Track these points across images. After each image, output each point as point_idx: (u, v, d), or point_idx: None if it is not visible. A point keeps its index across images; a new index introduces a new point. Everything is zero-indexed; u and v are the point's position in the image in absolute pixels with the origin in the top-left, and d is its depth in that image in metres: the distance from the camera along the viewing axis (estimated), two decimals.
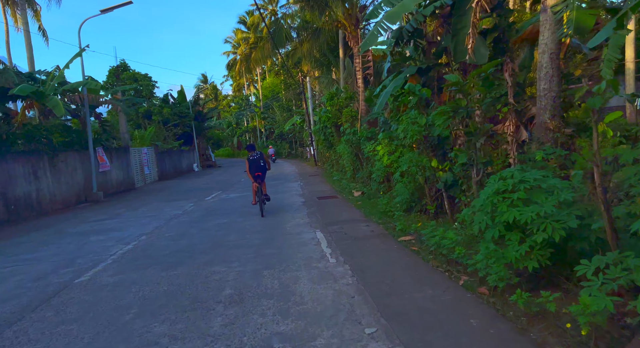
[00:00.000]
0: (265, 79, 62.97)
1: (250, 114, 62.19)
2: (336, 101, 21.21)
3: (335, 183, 17.86)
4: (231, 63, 65.38)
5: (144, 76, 37.70)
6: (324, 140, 23.22)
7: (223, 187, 21.14)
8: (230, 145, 69.11)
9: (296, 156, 48.71)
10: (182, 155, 36.37)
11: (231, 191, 18.73)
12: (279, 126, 49.91)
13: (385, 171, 11.21)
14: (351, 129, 15.28)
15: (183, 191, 20.90)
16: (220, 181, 25.36)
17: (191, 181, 26.88)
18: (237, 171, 34.35)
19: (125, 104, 23.11)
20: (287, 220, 10.36)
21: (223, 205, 14.14)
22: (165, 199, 17.46)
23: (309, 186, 18.30)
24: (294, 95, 49.91)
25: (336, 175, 19.94)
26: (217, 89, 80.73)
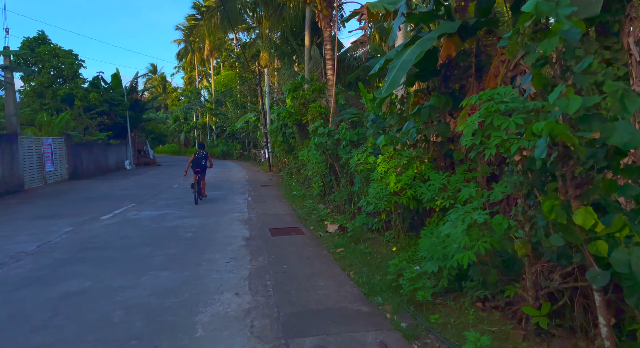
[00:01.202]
0: (220, 72, 56.84)
1: (201, 109, 55.71)
2: (300, 93, 16.24)
3: (297, 202, 12.83)
4: (182, 53, 58.62)
5: (67, 52, 30.75)
6: (283, 142, 18.14)
7: (144, 196, 15.47)
8: (176, 141, 62.05)
9: (249, 158, 43.11)
10: (109, 150, 29.87)
11: (150, 205, 13.18)
12: (231, 123, 44.15)
13: (391, 200, 6.35)
14: (325, 128, 10.36)
15: (84, 199, 15.01)
16: (147, 186, 19.54)
17: (110, 184, 20.81)
18: (177, 172, 28.42)
19: (11, 74, 16.78)
20: (209, 295, 5.22)
21: (119, 234, 8.69)
22: (41, 214, 11.64)
23: (259, 203, 13.13)
24: (250, 91, 44.37)
25: (297, 189, 14.90)
26: (167, 80, 73.34)
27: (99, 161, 27.32)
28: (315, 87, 15.92)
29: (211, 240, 8.03)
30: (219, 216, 10.68)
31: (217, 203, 13.22)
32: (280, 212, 11.32)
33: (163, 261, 6.53)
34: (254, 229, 9.00)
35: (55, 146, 21.22)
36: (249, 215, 10.79)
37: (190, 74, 66.03)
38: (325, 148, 10.19)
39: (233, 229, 9.04)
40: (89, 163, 25.24)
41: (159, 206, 12.96)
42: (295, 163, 17.43)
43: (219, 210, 11.78)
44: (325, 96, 16.51)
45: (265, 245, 7.50)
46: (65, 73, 30.57)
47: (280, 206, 12.32)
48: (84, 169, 24.29)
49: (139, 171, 30.45)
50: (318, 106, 15.15)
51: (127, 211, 11.99)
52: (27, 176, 18.25)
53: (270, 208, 12.04)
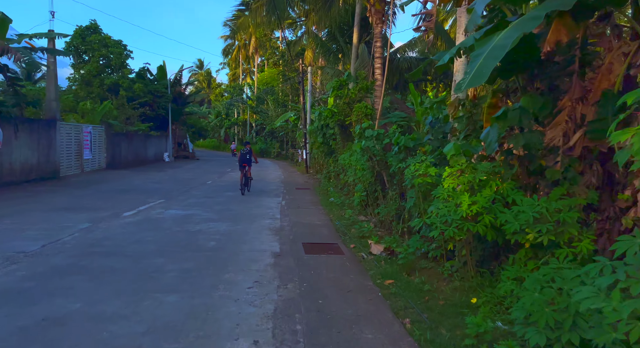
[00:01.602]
0: (264, 70, 56.48)
1: (242, 106, 55.51)
2: (345, 91, 14.90)
3: (334, 211, 11.50)
4: (228, 49, 58.79)
5: (116, 42, 30.89)
6: (322, 143, 16.87)
7: (174, 191, 14.63)
8: (216, 137, 62.30)
9: (286, 158, 42.26)
10: (148, 141, 29.70)
11: (178, 202, 12.24)
12: (271, 121, 43.47)
13: (463, 227, 4.88)
14: (373, 130, 8.97)
15: (113, 191, 14.33)
16: (180, 181, 18.82)
17: (145, 176, 20.28)
18: (213, 168, 27.85)
19: (53, 58, 16.39)
20: (220, 340, 3.98)
21: (135, 236, 7.67)
22: (64, 205, 10.90)
23: (293, 209, 11.90)
24: (292, 89, 43.53)
25: (335, 196, 13.56)
26: (212, 76, 74.05)
27: (138, 151, 27.10)
28: (362, 86, 14.54)
29: (235, 253, 6.82)
30: (248, 222, 9.51)
31: (249, 205, 12.10)
32: (316, 222, 10.02)
33: (174, 279, 5.37)
34: (285, 242, 7.73)
35: (95, 134, 20.95)
36: (281, 223, 9.55)
37: (234, 71, 66.23)
38: (373, 154, 8.80)
39: (262, 240, 7.82)
40: (127, 153, 24.99)
41: (187, 204, 11.98)
42: (335, 166, 16.12)
43: (249, 214, 10.62)
44: (371, 96, 15.10)
45: (298, 266, 6.20)
46: (113, 63, 30.70)
47: (316, 215, 11.02)
48: (122, 159, 24.02)
49: (177, 165, 30.12)
50: (364, 107, 13.77)
51: (153, 208, 11.06)
52: (64, 163, 17.92)
53: (305, 216, 10.77)
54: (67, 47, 30.42)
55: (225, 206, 11.83)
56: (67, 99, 23.63)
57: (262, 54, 56.11)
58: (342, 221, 9.92)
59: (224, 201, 12.79)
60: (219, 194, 14.44)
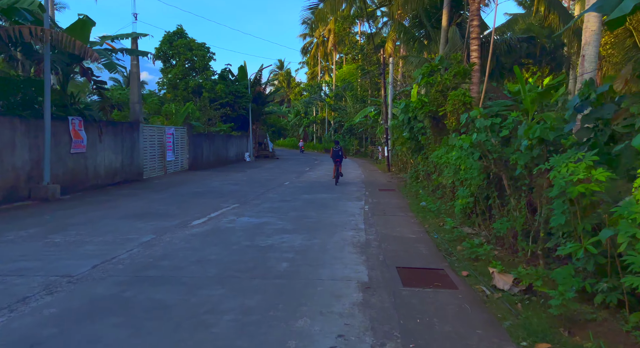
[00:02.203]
0: (342, 67, 55.06)
1: (320, 104, 54.69)
2: (438, 78, 12.71)
3: (429, 218, 9.53)
4: (307, 47, 58.34)
5: (200, 44, 31.40)
6: (409, 139, 14.81)
7: (250, 194, 13.63)
8: (296, 135, 62.33)
9: (365, 155, 40.47)
10: (230, 141, 29.72)
11: (252, 207, 11.11)
12: (349, 118, 41.95)
13: None
14: (487, 119, 6.86)
15: (189, 194, 13.69)
16: (258, 181, 17.98)
17: (224, 177, 19.83)
18: (291, 167, 27.02)
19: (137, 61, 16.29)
20: None
21: (197, 254, 6.48)
22: (136, 211, 10.23)
23: (379, 216, 10.12)
24: (371, 84, 41.54)
25: (427, 200, 11.50)
26: (291, 76, 74.46)
27: (219, 152, 27.11)
28: (457, 71, 12.27)
29: (312, 282, 5.25)
30: (327, 234, 7.95)
31: (328, 211, 10.56)
32: (409, 234, 8.15)
33: (229, 328, 3.92)
34: (374, 265, 6.01)
35: (177, 135, 20.98)
36: (366, 236, 7.84)
37: (313, 70, 65.76)
38: (487, 150, 6.71)
39: (345, 261, 6.18)
40: (209, 153, 24.99)
41: (262, 210, 10.76)
42: (424, 165, 14.00)
43: (329, 223, 9.06)
44: (469, 82, 12.75)
45: (396, 309, 4.45)
46: (197, 65, 31.26)
47: (408, 224, 9.13)
48: (203, 160, 24.02)
49: (257, 164, 29.82)
50: (461, 94, 11.52)
51: (224, 215, 9.99)
52: (148, 165, 17.96)
53: (394, 225, 8.94)
54: (157, 53, 31.62)
55: (302, 212, 10.42)
56: (152, 101, 24.17)
57: (340, 50, 54.70)
58: (442, 234, 7.95)
59: (301, 206, 11.41)
60: (296, 198, 13.14)
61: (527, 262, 5.90)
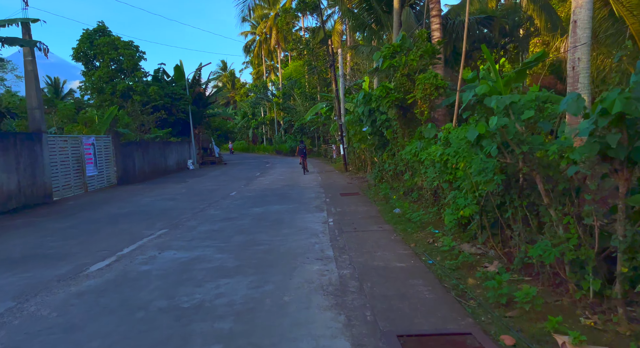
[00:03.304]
0: (287, 65, 52.54)
1: (268, 104, 51.91)
2: (403, 59, 10.66)
3: (412, 233, 7.39)
4: (249, 45, 55.30)
5: (126, 43, 27.73)
6: (372, 134, 12.72)
7: (186, 212, 10.92)
8: (245, 138, 59.10)
9: (319, 155, 38.30)
10: (168, 148, 26.42)
11: (184, 233, 8.45)
12: (299, 117, 39.62)
13: None
14: (503, 97, 4.78)
15: (106, 218, 10.73)
16: (199, 193, 15.20)
17: (159, 191, 16.82)
18: (241, 172, 24.30)
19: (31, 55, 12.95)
20: None
21: (70, 339, 3.86)
22: (20, 252, 7.27)
23: (350, 234, 7.86)
24: (319, 80, 39.46)
25: (402, 206, 9.36)
26: (235, 76, 70.98)
27: (156, 161, 23.82)
28: (425, 50, 10.27)
29: None
30: (283, 272, 5.55)
31: (283, 230, 8.16)
32: (397, 262, 5.93)
33: None
34: (362, 337, 3.70)
35: (100, 146, 17.65)
36: (338, 272, 5.53)
37: (258, 69, 62.67)
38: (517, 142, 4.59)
39: (315, 331, 3.83)
40: (143, 164, 21.69)
41: (196, 236, 8.16)
42: (392, 163, 11.96)
43: (285, 251, 6.68)
44: (439, 63, 10.83)
45: None
46: (124, 66, 27.57)
47: (388, 244, 6.93)
48: (136, 172, 20.73)
49: (201, 172, 26.74)
50: (433, 77, 9.54)
51: (143, 249, 7.30)
52: (61, 184, 14.64)
53: (371, 247, 6.71)
54: (76, 54, 27.60)
55: (250, 236, 7.95)
56: (64, 107, 20.50)
57: (284, 47, 52.15)
58: (440, 259, 5.82)
59: (248, 226, 8.93)
60: (243, 213, 10.62)
61: (590, 307, 3.85)
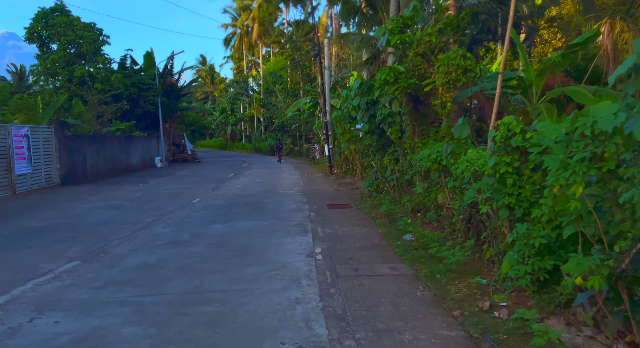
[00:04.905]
0: (270, 60, 49.42)
1: (248, 100, 48.71)
2: (417, 35, 7.95)
3: (443, 282, 4.68)
4: (230, 38, 51.93)
5: (87, 25, 24.25)
6: (370, 132, 9.97)
7: (124, 230, 7.94)
8: (222, 135, 55.65)
9: (300, 155, 35.47)
10: (131, 144, 23.12)
11: (107, 266, 5.52)
12: (281, 114, 36.71)
13: None
14: None
15: (11, 236, 7.67)
16: (154, 200, 12.20)
17: (107, 194, 13.71)
18: (213, 173, 21.29)
19: None
20: None
21: None
22: None
23: (349, 282, 5.09)
24: (303, 75, 36.62)
25: (413, 230, 6.61)
26: (215, 71, 67.36)
27: (115, 158, 20.54)
28: (447, 22, 7.59)
29: None
30: None
31: (248, 271, 5.33)
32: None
33: None
34: None
35: (37, 138, 14.38)
36: None
37: (238, 64, 59.27)
38: None
39: None
40: (97, 161, 18.43)
41: (114, 280, 5.26)
42: (396, 170, 9.24)
43: (245, 326, 3.85)
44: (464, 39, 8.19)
45: None
46: (84, 50, 24.09)
47: (421, 313, 4.17)
48: (88, 170, 17.46)
49: (168, 171, 23.55)
50: (460, 57, 6.88)
51: (8, 309, 4.37)
52: None
53: (394, 320, 3.94)
54: (29, 35, 23.99)
55: (197, 281, 5.13)
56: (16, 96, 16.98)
57: (266, 41, 49.01)
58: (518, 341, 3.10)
59: (200, 259, 6.08)
60: (199, 234, 7.74)
61: None
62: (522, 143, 4.16)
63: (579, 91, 7.82)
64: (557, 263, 3.78)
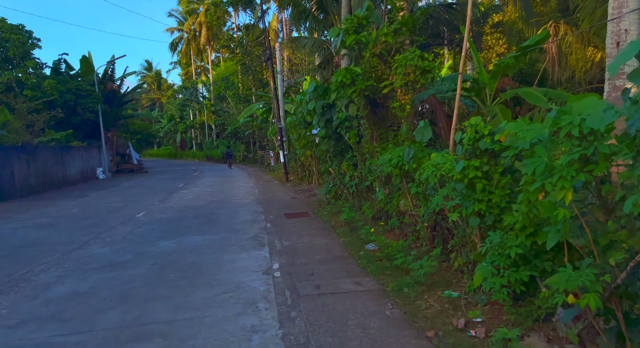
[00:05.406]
0: (220, 65, 48.06)
1: (198, 106, 47.04)
2: (373, 35, 7.67)
3: (410, 296, 4.32)
4: (176, 42, 50.02)
5: (14, 26, 22.17)
6: (329, 138, 9.58)
7: (55, 251, 6.96)
8: (171, 143, 53.35)
9: (254, 162, 34.56)
10: (68, 155, 21.31)
11: (24, 301, 4.64)
12: (233, 121, 35.63)
13: None
14: None
15: None
16: (94, 215, 11.08)
17: (40, 210, 12.37)
18: (161, 183, 20.04)
19: None
20: None
21: None
22: None
23: (312, 303, 4.61)
24: (254, 80, 35.85)
25: (376, 238, 6.27)
26: (162, 77, 64.72)
27: (49, 171, 18.78)
28: (402, 22, 7.37)
29: None
30: None
31: (197, 295, 4.69)
32: None
33: None
34: None
35: None
36: None
37: (187, 70, 57.22)
38: None
39: None
40: (27, 174, 16.71)
41: (34, 315, 4.45)
42: (355, 176, 8.90)
43: None
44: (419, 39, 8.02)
45: None
46: (10, 54, 22.00)
47: (392, 336, 3.78)
48: (16, 184, 15.76)
49: (112, 183, 21.93)
50: (417, 57, 6.67)
51: None
52: None
53: (365, 347, 3.51)
54: None
55: (136, 311, 4.45)
56: None
57: (215, 46, 47.64)
58: None
59: (142, 283, 5.35)
60: (142, 253, 6.94)
61: None
62: (492, 145, 3.91)
63: (532, 92, 7.90)
64: (533, 273, 3.53)
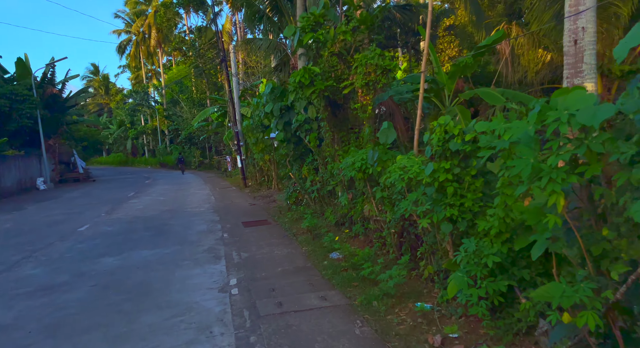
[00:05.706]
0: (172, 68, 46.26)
1: (150, 111, 45.02)
2: (331, 33, 7.35)
3: (381, 310, 3.99)
4: (124, 45, 47.67)
5: None
6: (288, 141, 9.15)
7: None
8: (122, 150, 50.71)
9: (211, 167, 33.40)
10: (3, 165, 19.51)
11: None
12: (187, 125, 34.29)
13: None
14: None
15: None
16: (30, 230, 10.00)
17: None
18: (109, 193, 18.73)
19: None
20: None
21: None
22: None
23: (273, 326, 4.14)
24: (209, 84, 34.76)
25: (341, 246, 5.92)
26: (110, 81, 61.54)
27: None
28: (361, 20, 7.11)
29: None
30: None
31: (142, 320, 4.11)
32: None
33: None
34: None
35: None
36: None
37: (137, 74, 54.66)
38: None
39: None
40: None
41: None
42: (316, 181, 8.53)
43: None
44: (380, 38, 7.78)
45: None
46: None
47: None
48: None
49: (55, 193, 20.26)
50: (377, 56, 6.42)
51: None
52: None
53: None
54: None
55: (69, 345, 3.78)
56: None
57: (166, 48, 45.82)
58: None
59: (78, 310, 4.69)
60: (82, 272, 6.19)
61: None
62: (463, 146, 3.66)
63: (490, 92, 7.88)
64: (512, 283, 3.29)
